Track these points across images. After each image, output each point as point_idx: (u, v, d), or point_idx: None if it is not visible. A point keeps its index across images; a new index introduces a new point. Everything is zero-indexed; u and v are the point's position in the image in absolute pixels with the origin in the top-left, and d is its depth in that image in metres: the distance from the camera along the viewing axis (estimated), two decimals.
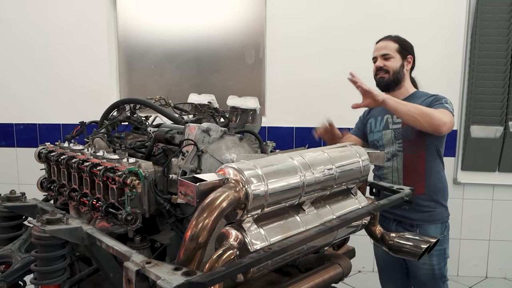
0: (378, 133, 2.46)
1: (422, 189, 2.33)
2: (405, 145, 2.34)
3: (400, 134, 2.35)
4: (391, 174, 2.39)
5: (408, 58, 2.44)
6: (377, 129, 2.47)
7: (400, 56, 2.41)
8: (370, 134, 2.52)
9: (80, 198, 1.66)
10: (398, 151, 2.36)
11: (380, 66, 2.42)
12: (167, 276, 1.01)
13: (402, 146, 2.35)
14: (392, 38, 2.45)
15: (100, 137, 1.89)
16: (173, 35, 4.01)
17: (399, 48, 2.41)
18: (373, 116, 2.54)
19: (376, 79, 2.46)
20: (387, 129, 2.41)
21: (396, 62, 2.40)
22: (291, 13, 3.72)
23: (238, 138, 1.72)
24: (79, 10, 3.94)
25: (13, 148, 4.17)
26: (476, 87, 3.54)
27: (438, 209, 2.37)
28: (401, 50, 2.41)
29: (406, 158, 2.34)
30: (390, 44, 2.42)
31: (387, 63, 2.40)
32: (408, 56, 2.44)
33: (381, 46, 2.45)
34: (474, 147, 3.62)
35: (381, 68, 2.41)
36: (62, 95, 4.02)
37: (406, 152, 2.34)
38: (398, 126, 2.36)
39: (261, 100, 3.90)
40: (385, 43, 2.44)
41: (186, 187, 1.14)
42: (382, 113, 2.46)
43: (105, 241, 1.27)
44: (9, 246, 1.54)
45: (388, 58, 2.40)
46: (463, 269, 3.87)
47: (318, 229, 1.31)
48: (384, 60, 2.41)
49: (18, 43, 4.03)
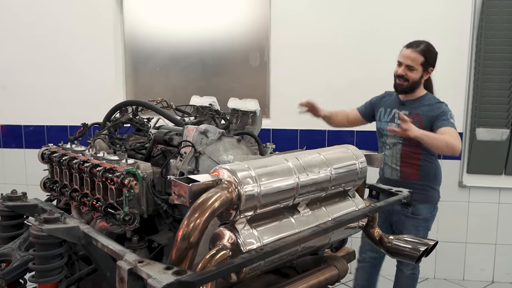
0: (385, 123, 2.75)
1: (417, 176, 2.67)
2: (404, 140, 2.62)
3: None
4: (390, 160, 2.72)
5: (429, 70, 2.65)
6: (384, 119, 2.77)
7: (423, 69, 2.61)
8: (378, 122, 2.83)
9: (80, 199, 1.69)
10: (398, 142, 2.67)
11: (402, 74, 2.63)
12: (158, 275, 1.03)
13: (402, 138, 2.62)
14: (420, 49, 2.60)
15: (102, 139, 1.92)
16: (178, 38, 4.04)
17: (424, 61, 2.60)
18: (384, 106, 2.82)
19: (395, 82, 2.68)
20: (393, 122, 2.70)
21: (417, 74, 2.61)
22: (295, 16, 3.72)
23: (236, 140, 1.73)
24: (87, 14, 3.99)
25: (22, 150, 4.23)
26: (481, 89, 3.52)
27: (430, 192, 2.71)
28: (425, 63, 2.60)
29: (404, 149, 2.66)
30: (417, 57, 2.59)
31: (410, 73, 2.61)
32: (429, 68, 2.65)
33: (409, 56, 2.61)
34: (480, 150, 3.59)
35: (402, 76, 2.63)
36: (69, 98, 4.07)
37: (405, 144, 2.65)
38: None
39: (266, 102, 3.92)
40: (413, 54, 2.60)
41: (179, 187, 1.16)
42: (391, 106, 2.76)
43: (100, 240, 1.29)
44: (9, 245, 1.58)
45: (411, 69, 2.60)
46: (469, 273, 3.83)
47: (311, 230, 1.31)
48: (407, 70, 2.61)
49: (26, 46, 4.09)
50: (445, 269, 3.84)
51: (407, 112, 2.63)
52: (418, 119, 2.60)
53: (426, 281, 3.82)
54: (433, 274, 3.86)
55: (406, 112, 2.63)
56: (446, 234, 3.76)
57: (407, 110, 2.66)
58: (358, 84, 3.56)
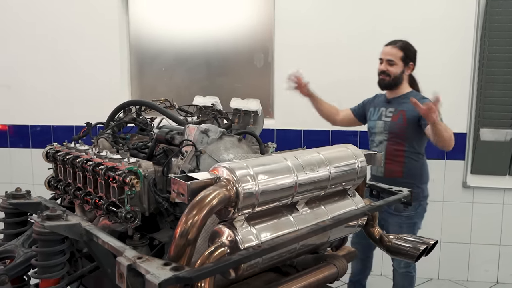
0: (373, 122, 2.87)
1: (400, 173, 2.74)
2: (390, 136, 2.75)
3: (388, 126, 2.76)
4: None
5: (409, 65, 2.79)
6: (373, 118, 2.89)
7: (403, 63, 2.76)
8: (369, 121, 2.94)
9: (84, 197, 1.71)
10: (384, 140, 2.78)
11: (383, 70, 2.78)
12: (156, 270, 1.05)
13: (388, 136, 2.76)
14: (399, 45, 2.77)
15: (105, 138, 1.94)
16: (183, 39, 4.07)
17: (403, 56, 2.75)
18: (373, 105, 2.94)
19: (379, 78, 2.82)
20: (380, 120, 2.82)
21: (398, 69, 2.75)
22: (299, 18, 3.74)
23: (237, 139, 1.74)
24: (92, 15, 4.03)
25: (28, 149, 4.27)
26: (485, 89, 3.51)
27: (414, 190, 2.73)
28: (405, 58, 2.76)
29: (389, 146, 2.75)
30: (396, 52, 2.75)
31: (390, 68, 2.75)
32: (410, 63, 2.78)
33: (388, 52, 2.78)
34: (483, 151, 3.58)
35: (384, 72, 2.78)
36: (75, 98, 4.11)
37: (390, 142, 2.75)
38: (388, 119, 2.77)
39: (270, 103, 3.93)
40: (392, 50, 2.77)
41: (178, 185, 1.18)
42: (380, 105, 2.88)
43: (101, 237, 1.32)
44: (13, 242, 1.60)
45: (392, 64, 2.75)
46: (473, 274, 3.82)
47: (309, 228, 1.33)
48: (388, 65, 2.76)
49: (32, 47, 4.14)
50: (449, 269, 3.84)
51: (393, 109, 2.77)
52: (402, 116, 2.72)
53: (430, 282, 3.81)
54: (437, 275, 3.86)
55: (392, 109, 2.77)
56: (450, 235, 3.76)
57: (393, 107, 2.78)
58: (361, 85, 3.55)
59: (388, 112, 2.79)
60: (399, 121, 2.72)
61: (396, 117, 2.74)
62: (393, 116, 2.75)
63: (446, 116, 3.57)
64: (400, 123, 2.71)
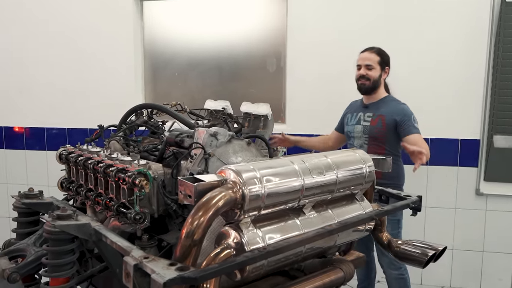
0: (351, 126, 2.96)
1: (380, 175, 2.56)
2: (370, 139, 2.84)
3: (367, 130, 2.85)
4: None
5: (385, 69, 2.91)
6: (351, 122, 2.97)
7: (380, 68, 2.88)
8: (346, 126, 3.02)
9: (95, 198, 1.74)
10: (364, 144, 2.85)
11: (363, 74, 2.87)
12: (161, 270, 1.06)
13: (367, 140, 2.85)
14: (375, 50, 2.90)
15: (116, 140, 1.97)
16: (196, 44, 4.11)
17: (380, 61, 2.88)
18: (350, 111, 3.04)
19: (358, 84, 2.91)
20: (359, 124, 2.91)
21: (376, 72, 2.86)
22: (312, 22, 3.75)
23: (246, 142, 1.76)
24: (108, 20, 4.10)
25: (44, 152, 4.35)
26: (499, 96, 3.47)
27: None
28: (381, 62, 2.88)
29: (369, 150, 2.78)
30: (373, 57, 2.87)
31: (369, 72, 2.86)
32: (386, 68, 2.91)
33: (366, 57, 2.89)
34: (497, 157, 3.54)
35: (363, 76, 2.87)
36: (90, 102, 4.17)
37: (370, 145, 2.83)
38: (367, 123, 2.86)
39: (282, 107, 3.95)
40: (369, 55, 2.89)
41: (185, 186, 1.20)
42: (357, 110, 2.97)
43: (109, 237, 1.34)
44: (25, 241, 1.64)
45: (370, 68, 2.86)
46: (486, 283, 3.77)
47: (315, 232, 1.33)
48: (367, 70, 2.86)
49: (48, 51, 4.22)
50: (461, 277, 3.79)
51: (371, 114, 2.86)
52: (381, 120, 2.81)
53: None
54: (449, 283, 3.81)
55: (370, 114, 2.87)
56: (463, 242, 3.72)
57: (371, 112, 2.88)
58: None
59: (366, 117, 2.88)
60: (378, 125, 2.81)
61: (375, 122, 2.82)
62: (371, 121, 2.84)
63: (459, 122, 3.57)
64: (379, 127, 2.80)
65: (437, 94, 3.60)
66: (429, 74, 3.59)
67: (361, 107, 2.96)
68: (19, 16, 4.25)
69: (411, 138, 2.68)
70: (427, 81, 3.60)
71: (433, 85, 3.59)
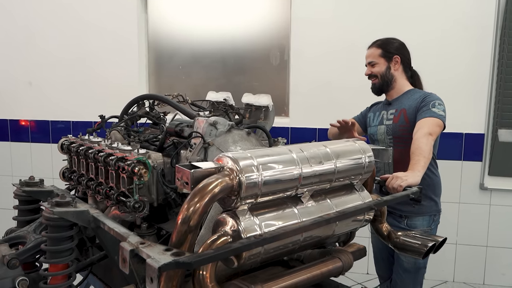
0: (374, 128, 2.62)
1: None
2: (395, 140, 2.47)
3: (391, 130, 2.50)
4: (383, 167, 2.45)
5: (394, 58, 2.54)
6: (374, 123, 2.64)
7: (385, 60, 2.54)
8: (369, 128, 2.70)
9: (95, 187, 1.75)
10: (389, 146, 2.44)
11: (368, 73, 2.60)
12: (157, 255, 1.07)
13: (392, 141, 2.49)
14: (376, 44, 2.59)
15: (117, 130, 1.98)
16: (200, 37, 4.11)
17: (382, 53, 2.55)
18: (373, 111, 2.72)
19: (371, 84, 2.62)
20: (382, 124, 2.57)
21: (381, 67, 2.54)
22: (316, 15, 3.74)
23: (246, 132, 1.76)
24: (112, 13, 4.11)
25: (49, 144, 4.37)
26: (504, 89, 3.46)
27: (426, 202, 2.45)
28: (385, 54, 2.54)
29: (396, 153, 2.24)
30: (374, 51, 2.58)
31: (373, 69, 2.57)
32: (394, 57, 2.54)
33: (367, 54, 2.62)
34: (502, 152, 3.52)
35: (370, 75, 2.59)
36: (95, 94, 4.20)
37: (396, 148, 2.36)
38: (390, 122, 2.51)
39: (285, 101, 3.94)
40: (370, 50, 2.61)
41: (182, 173, 1.20)
42: (380, 109, 2.65)
43: (107, 223, 1.34)
44: (25, 228, 1.66)
45: (373, 64, 2.57)
46: (490, 277, 3.76)
47: (312, 220, 1.33)
48: (371, 67, 2.58)
49: (53, 44, 4.25)
50: (465, 272, 3.78)
51: (393, 110, 2.51)
52: (403, 115, 2.45)
53: (445, 284, 3.76)
54: (452, 277, 3.80)
55: (393, 110, 2.51)
56: (467, 237, 3.71)
57: (394, 108, 2.52)
58: None
59: (389, 114, 2.53)
60: (400, 122, 2.44)
61: (397, 118, 2.46)
62: (394, 118, 2.48)
63: (463, 116, 3.55)
64: (403, 124, 2.42)
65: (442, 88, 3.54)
66: (434, 68, 3.56)
67: (384, 105, 2.62)
68: (24, 10, 4.27)
69: (418, 124, 2.29)
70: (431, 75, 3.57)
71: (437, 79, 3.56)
